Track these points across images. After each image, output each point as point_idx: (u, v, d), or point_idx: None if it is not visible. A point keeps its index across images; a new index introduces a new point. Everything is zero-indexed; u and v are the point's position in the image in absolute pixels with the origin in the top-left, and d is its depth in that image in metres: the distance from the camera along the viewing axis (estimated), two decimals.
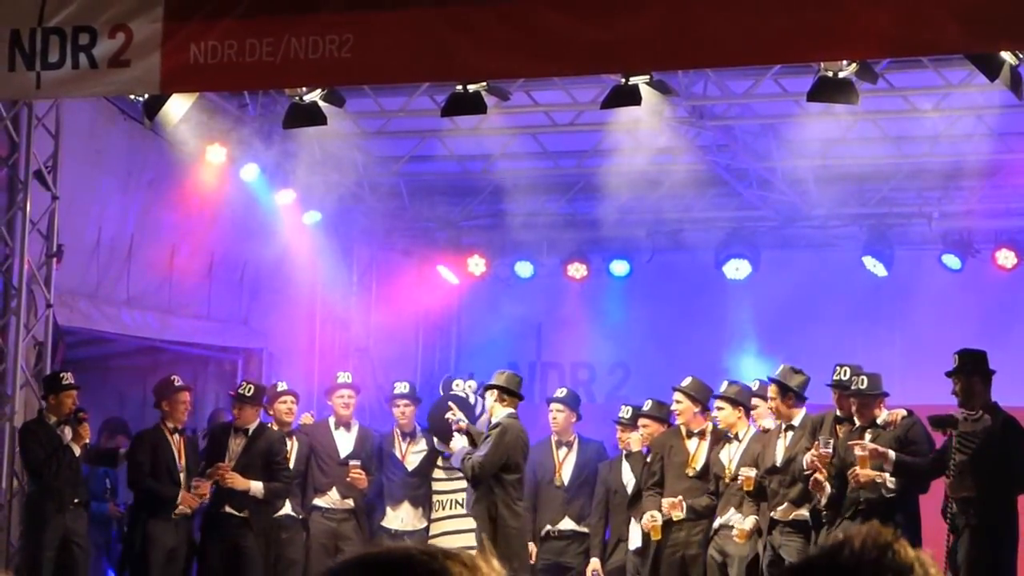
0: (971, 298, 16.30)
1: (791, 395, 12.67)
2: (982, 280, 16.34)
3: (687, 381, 13.54)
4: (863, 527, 2.46)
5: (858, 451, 11.86)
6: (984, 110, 14.14)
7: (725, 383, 13.62)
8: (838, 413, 12.57)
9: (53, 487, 12.86)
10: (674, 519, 13.01)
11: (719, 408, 13.34)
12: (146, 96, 12.79)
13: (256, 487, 13.28)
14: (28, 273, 13.03)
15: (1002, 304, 16.34)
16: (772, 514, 12.58)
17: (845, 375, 12.44)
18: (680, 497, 13.07)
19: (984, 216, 16.32)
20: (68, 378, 13.23)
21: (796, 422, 12.71)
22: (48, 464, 12.85)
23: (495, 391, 13.14)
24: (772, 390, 12.77)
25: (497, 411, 13.08)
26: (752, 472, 12.77)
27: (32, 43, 12.04)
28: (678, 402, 13.45)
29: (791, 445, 12.60)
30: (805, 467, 12.23)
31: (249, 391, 13.73)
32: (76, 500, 13.07)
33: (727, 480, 13.10)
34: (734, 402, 13.27)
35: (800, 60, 11.85)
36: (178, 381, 13.57)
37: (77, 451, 13.05)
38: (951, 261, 16.35)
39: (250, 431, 13.53)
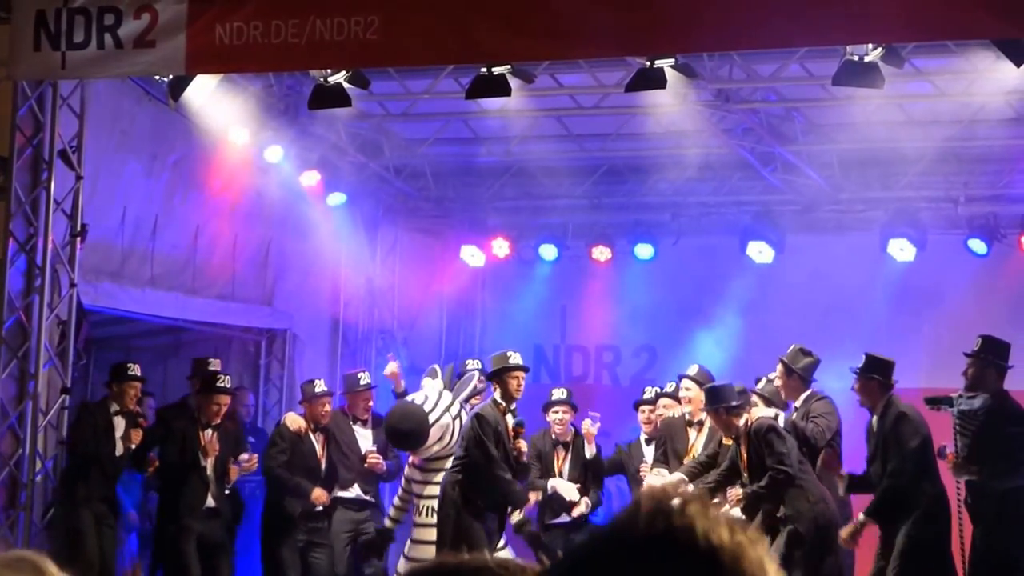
0: (997, 283, 16.23)
1: (796, 376, 12.50)
2: (1008, 265, 16.28)
3: (695, 369, 13.42)
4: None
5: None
6: (1010, 95, 14.07)
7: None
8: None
9: (87, 482, 12.80)
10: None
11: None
12: (171, 77, 12.83)
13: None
14: (52, 252, 13.01)
15: None
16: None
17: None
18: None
19: (1010, 200, 16.26)
20: (134, 369, 13.25)
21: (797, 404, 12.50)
22: (90, 446, 12.81)
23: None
24: (778, 370, 12.59)
25: None
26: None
27: (57, 23, 12.07)
28: (688, 389, 13.23)
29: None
30: None
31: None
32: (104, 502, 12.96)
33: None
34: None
35: (826, 43, 11.80)
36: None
37: (120, 450, 12.96)
38: (977, 246, 16.27)
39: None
